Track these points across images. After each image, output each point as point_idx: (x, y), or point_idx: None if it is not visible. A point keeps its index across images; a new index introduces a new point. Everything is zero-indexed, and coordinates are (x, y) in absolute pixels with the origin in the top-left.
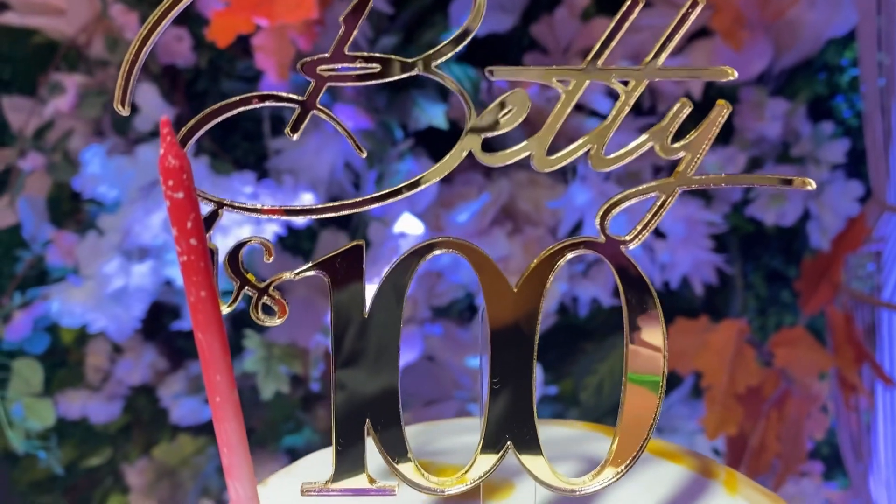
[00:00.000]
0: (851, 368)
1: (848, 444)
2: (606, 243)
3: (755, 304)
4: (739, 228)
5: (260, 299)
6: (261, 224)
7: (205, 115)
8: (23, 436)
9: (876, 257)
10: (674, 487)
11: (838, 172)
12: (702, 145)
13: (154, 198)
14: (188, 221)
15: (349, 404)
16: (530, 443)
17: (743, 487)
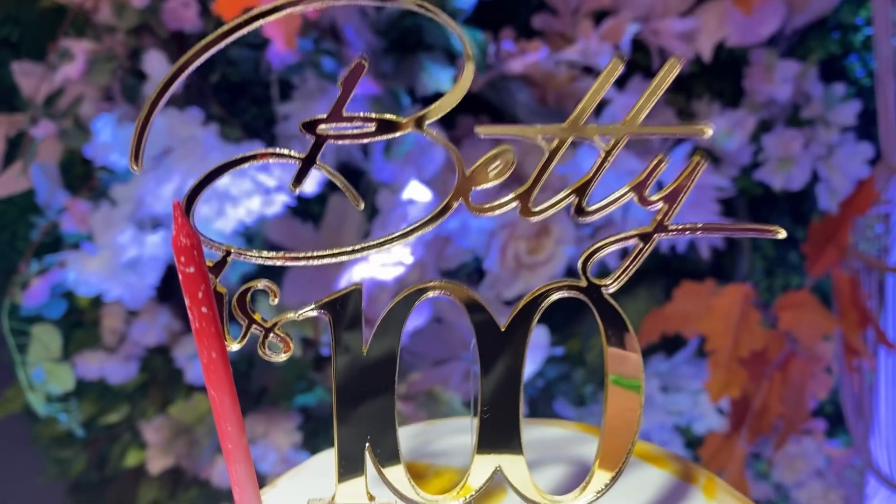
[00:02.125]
0: (855, 332)
1: (850, 404)
2: (588, 287)
3: (762, 266)
4: (748, 191)
5: (266, 337)
6: (270, 194)
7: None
8: (44, 399)
9: (884, 219)
10: (654, 492)
11: (848, 135)
12: (678, 197)
13: (165, 168)
14: (199, 292)
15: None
16: (516, 465)
17: (721, 493)
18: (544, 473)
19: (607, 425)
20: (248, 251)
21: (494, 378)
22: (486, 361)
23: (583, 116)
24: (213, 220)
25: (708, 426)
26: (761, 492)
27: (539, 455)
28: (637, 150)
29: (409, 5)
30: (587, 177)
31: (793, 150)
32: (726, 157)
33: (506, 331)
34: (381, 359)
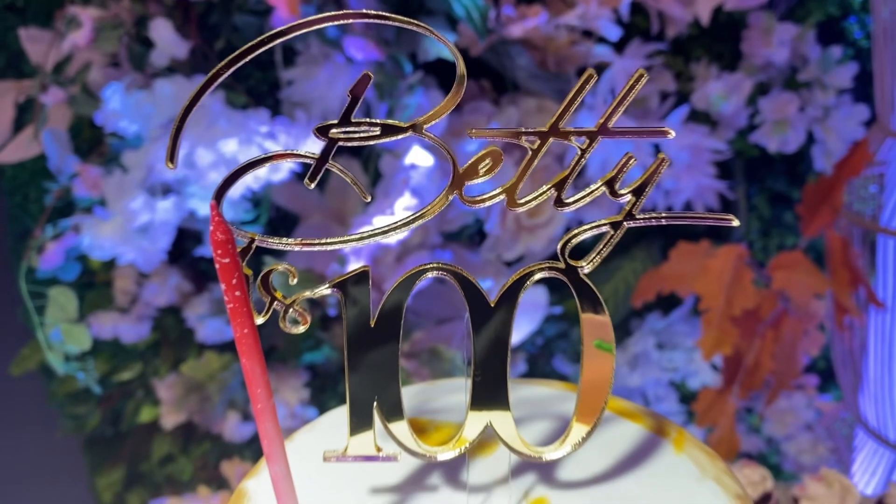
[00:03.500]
0: (846, 291)
1: (840, 361)
2: (567, 268)
3: (758, 226)
4: (744, 153)
5: (286, 312)
6: None
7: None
8: (62, 358)
9: (879, 179)
10: (629, 445)
11: (845, 97)
12: (644, 190)
13: None
14: (233, 279)
15: (359, 393)
16: (505, 421)
17: (689, 446)
18: (531, 428)
19: (584, 384)
20: (270, 238)
21: (485, 346)
22: (478, 331)
23: (561, 121)
24: None
25: (702, 382)
26: (752, 444)
27: (527, 411)
28: (635, 114)
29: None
30: (565, 173)
31: (788, 113)
32: (723, 121)
33: (495, 305)
34: (387, 331)
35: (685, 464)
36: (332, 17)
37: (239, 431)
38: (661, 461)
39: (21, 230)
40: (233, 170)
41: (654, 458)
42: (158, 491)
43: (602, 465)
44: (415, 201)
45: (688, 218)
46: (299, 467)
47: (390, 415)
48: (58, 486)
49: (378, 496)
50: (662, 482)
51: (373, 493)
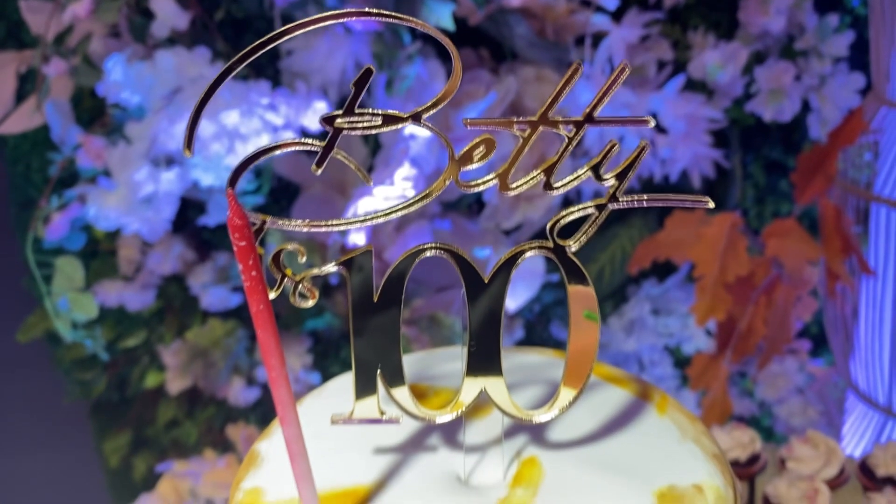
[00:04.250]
0: (837, 258)
1: (832, 326)
2: (555, 247)
3: (753, 194)
4: (740, 121)
5: (296, 288)
6: (277, 133)
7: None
8: (70, 326)
9: (873, 147)
10: (614, 408)
11: (841, 65)
12: (627, 174)
13: (176, 107)
14: (250, 260)
15: (364, 361)
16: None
17: (671, 410)
18: (522, 393)
19: (572, 352)
20: (280, 219)
21: (480, 318)
22: (473, 305)
23: (550, 110)
24: (224, 156)
25: (696, 347)
26: (745, 408)
27: (519, 378)
28: (632, 83)
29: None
30: (553, 159)
31: (784, 82)
32: (719, 90)
33: (488, 282)
34: (389, 305)
35: (667, 426)
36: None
37: (243, 396)
38: (644, 424)
39: (24, 200)
40: (245, 157)
41: (638, 420)
42: (164, 454)
43: (589, 427)
44: (414, 171)
45: (667, 200)
46: (308, 429)
47: (392, 381)
48: (65, 450)
49: (381, 456)
50: (645, 443)
51: (376, 452)
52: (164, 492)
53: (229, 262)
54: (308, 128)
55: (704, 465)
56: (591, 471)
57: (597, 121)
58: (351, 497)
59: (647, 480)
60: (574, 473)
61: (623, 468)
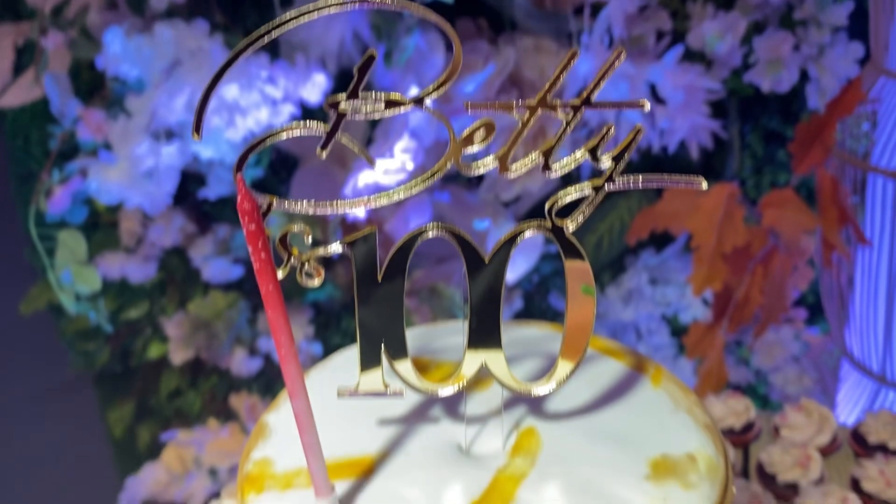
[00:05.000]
0: (834, 229)
1: (828, 296)
2: (553, 227)
3: (751, 164)
4: (738, 91)
5: (302, 268)
6: (277, 106)
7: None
8: (73, 299)
9: (871, 116)
10: (610, 380)
11: (840, 34)
12: (622, 157)
13: (176, 80)
14: (259, 242)
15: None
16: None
17: (665, 381)
18: (522, 365)
19: (569, 325)
20: (286, 201)
21: (479, 296)
22: (473, 283)
23: (549, 94)
24: (224, 130)
25: (693, 316)
26: (741, 376)
27: (518, 351)
28: (632, 53)
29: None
30: (551, 142)
31: (783, 52)
32: (717, 60)
33: (489, 262)
34: (392, 283)
35: (661, 397)
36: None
37: (246, 366)
38: (639, 395)
39: (24, 172)
40: (250, 143)
41: (632, 392)
42: (168, 424)
43: (585, 399)
44: (413, 143)
45: (661, 180)
46: (315, 401)
47: (396, 355)
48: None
49: (385, 427)
50: (640, 414)
51: (380, 423)
52: (169, 460)
53: (230, 234)
54: (307, 100)
55: (697, 435)
56: (587, 441)
57: (594, 104)
58: (356, 466)
59: (642, 450)
60: (571, 443)
61: (618, 438)
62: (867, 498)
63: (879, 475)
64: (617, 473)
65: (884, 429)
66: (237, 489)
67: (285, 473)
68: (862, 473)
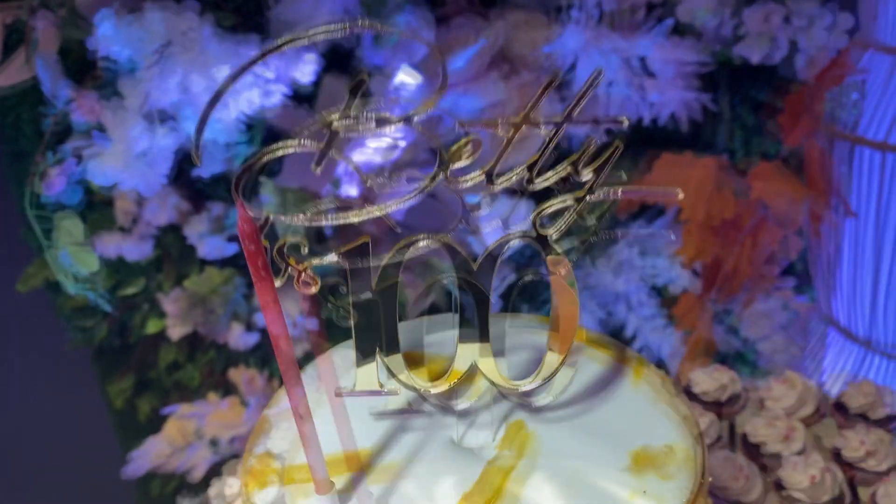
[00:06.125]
0: (821, 200)
1: (815, 265)
2: (538, 237)
3: (741, 135)
4: (728, 63)
5: (300, 277)
6: (269, 84)
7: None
8: (72, 280)
9: (860, 86)
10: (594, 374)
11: (830, 5)
12: (603, 170)
13: (167, 60)
14: (259, 261)
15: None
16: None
17: (646, 373)
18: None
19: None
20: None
21: (469, 299)
22: (463, 287)
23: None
24: (216, 111)
25: (682, 286)
26: (730, 345)
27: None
28: (621, 27)
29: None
30: (535, 157)
31: (772, 24)
32: (707, 33)
33: (477, 269)
34: (386, 291)
35: (642, 390)
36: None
37: (243, 340)
38: (621, 388)
39: (16, 151)
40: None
41: (615, 385)
42: (167, 396)
43: (571, 393)
44: None
45: (639, 192)
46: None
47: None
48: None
49: (380, 421)
50: (622, 406)
51: (376, 418)
52: (171, 433)
53: (224, 211)
54: (299, 80)
55: (675, 428)
56: (572, 433)
57: (575, 121)
58: (353, 460)
59: (623, 442)
60: (557, 435)
61: (602, 431)
62: (848, 467)
63: (860, 445)
64: (599, 466)
65: (864, 398)
66: (241, 484)
67: (288, 468)
68: (843, 444)
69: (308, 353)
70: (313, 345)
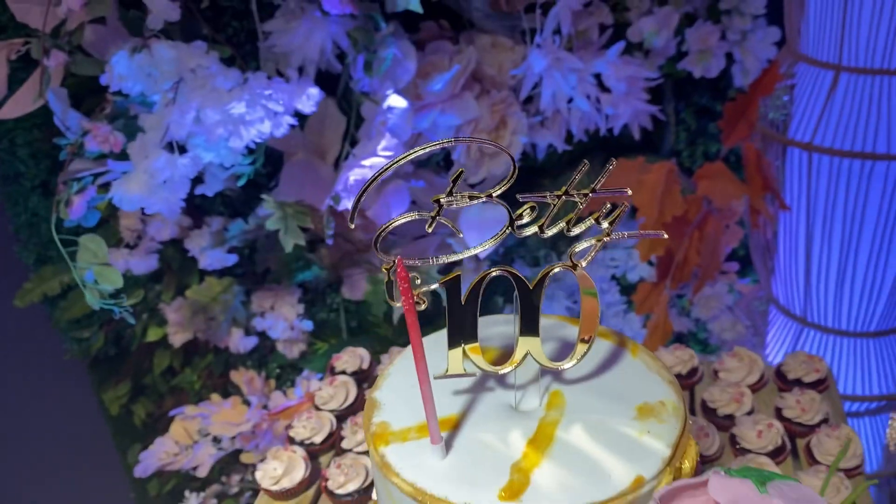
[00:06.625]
0: (758, 195)
1: (756, 252)
2: (573, 265)
3: (686, 137)
4: (673, 75)
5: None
6: (278, 116)
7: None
8: (97, 297)
9: (789, 90)
10: (604, 355)
11: (760, 21)
12: (614, 222)
13: (184, 96)
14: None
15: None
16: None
17: (640, 353)
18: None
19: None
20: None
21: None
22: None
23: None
24: (227, 139)
25: (639, 275)
26: (683, 325)
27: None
28: (577, 46)
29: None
30: (573, 216)
31: (711, 42)
32: (654, 51)
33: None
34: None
35: (639, 363)
36: None
37: (243, 344)
38: (624, 363)
39: (11, 173)
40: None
41: (620, 360)
42: (163, 401)
43: (590, 368)
44: (394, 140)
45: (636, 236)
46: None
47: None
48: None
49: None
50: (626, 376)
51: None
52: (176, 433)
53: (223, 225)
54: (302, 110)
55: (665, 388)
56: (594, 396)
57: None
58: (446, 423)
59: (630, 399)
60: (583, 399)
61: (615, 393)
62: (788, 423)
63: (796, 404)
64: (615, 416)
65: (800, 367)
66: (369, 445)
67: (400, 430)
68: (783, 403)
69: (304, 352)
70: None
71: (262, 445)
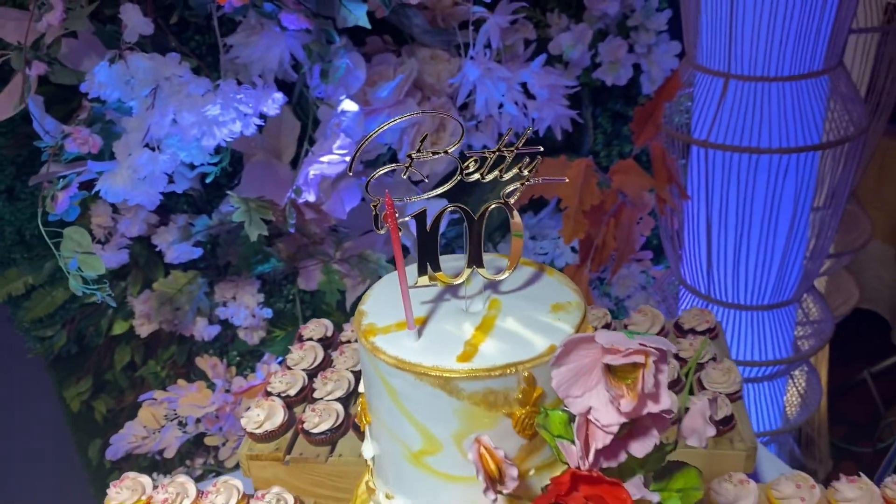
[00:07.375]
0: (664, 187)
1: (666, 239)
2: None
3: (602, 139)
4: (589, 85)
5: None
6: (247, 117)
7: (377, 172)
8: (80, 282)
9: (690, 97)
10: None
11: (663, 36)
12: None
13: (161, 102)
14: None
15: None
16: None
17: (555, 273)
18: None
19: (513, 251)
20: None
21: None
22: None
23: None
24: (200, 139)
25: (565, 261)
26: (604, 303)
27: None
28: (506, 58)
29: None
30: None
31: (620, 55)
32: (572, 62)
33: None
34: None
35: (553, 280)
36: None
37: (207, 332)
38: (543, 280)
39: None
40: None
41: (540, 279)
42: (123, 395)
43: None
44: (348, 140)
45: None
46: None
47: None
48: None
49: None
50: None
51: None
52: (145, 417)
53: (188, 221)
54: (267, 112)
55: (571, 294)
56: (522, 300)
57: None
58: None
59: (547, 301)
60: (514, 302)
61: (536, 297)
62: (683, 361)
63: (689, 346)
64: (537, 311)
65: (693, 319)
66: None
67: (383, 326)
68: (679, 347)
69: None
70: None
71: (225, 428)
